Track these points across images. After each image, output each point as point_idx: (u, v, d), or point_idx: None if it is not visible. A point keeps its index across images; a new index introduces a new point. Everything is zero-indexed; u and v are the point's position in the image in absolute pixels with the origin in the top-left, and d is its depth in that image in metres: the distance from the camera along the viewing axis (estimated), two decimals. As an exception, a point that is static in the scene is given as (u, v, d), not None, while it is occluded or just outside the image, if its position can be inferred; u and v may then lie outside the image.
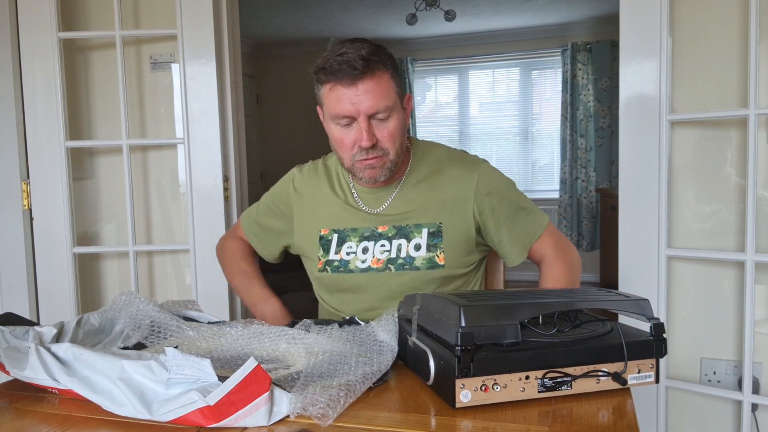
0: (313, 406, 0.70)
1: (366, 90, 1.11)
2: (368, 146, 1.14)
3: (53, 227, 1.98)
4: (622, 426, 0.70)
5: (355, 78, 1.11)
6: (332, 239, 1.28)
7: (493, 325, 0.75)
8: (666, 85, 1.67)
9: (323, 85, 1.16)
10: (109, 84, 2.08)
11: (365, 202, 1.29)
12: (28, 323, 0.95)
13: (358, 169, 1.20)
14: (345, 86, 1.12)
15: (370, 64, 1.11)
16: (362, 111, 1.12)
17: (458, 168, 1.28)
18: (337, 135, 1.18)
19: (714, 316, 1.74)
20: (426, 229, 1.25)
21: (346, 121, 1.15)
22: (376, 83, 1.12)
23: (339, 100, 1.13)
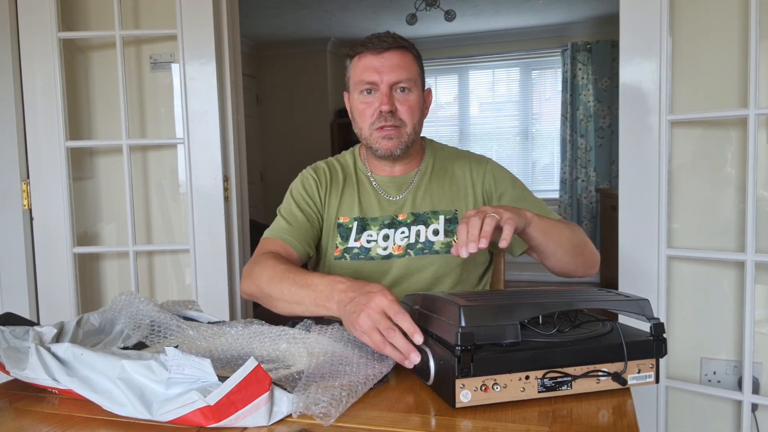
0: (315, 405, 0.70)
1: (391, 60, 1.23)
2: (387, 111, 1.22)
3: (53, 227, 1.98)
4: (622, 426, 0.70)
5: (383, 48, 1.22)
6: (352, 227, 1.32)
7: (493, 325, 0.75)
8: (666, 85, 1.67)
9: (353, 59, 1.27)
10: (109, 84, 2.08)
11: (385, 190, 1.36)
12: (28, 323, 0.95)
13: (375, 139, 1.27)
14: (373, 54, 1.23)
15: (397, 40, 1.24)
16: (385, 79, 1.22)
17: (469, 161, 1.39)
18: (359, 105, 1.27)
19: (714, 316, 1.74)
20: (443, 216, 1.32)
21: (369, 88, 1.24)
22: (400, 57, 1.24)
23: (365, 67, 1.23)
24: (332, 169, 1.39)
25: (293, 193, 1.38)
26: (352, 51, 1.27)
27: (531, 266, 5.78)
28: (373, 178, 1.37)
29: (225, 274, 2.00)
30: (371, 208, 1.34)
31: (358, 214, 1.33)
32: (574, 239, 1.18)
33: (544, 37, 5.49)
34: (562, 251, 1.15)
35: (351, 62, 1.28)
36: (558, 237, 1.13)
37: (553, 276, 1.37)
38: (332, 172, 1.38)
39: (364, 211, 1.33)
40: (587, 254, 1.22)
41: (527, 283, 5.49)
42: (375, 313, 0.85)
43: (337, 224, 1.33)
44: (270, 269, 1.14)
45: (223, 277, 2.00)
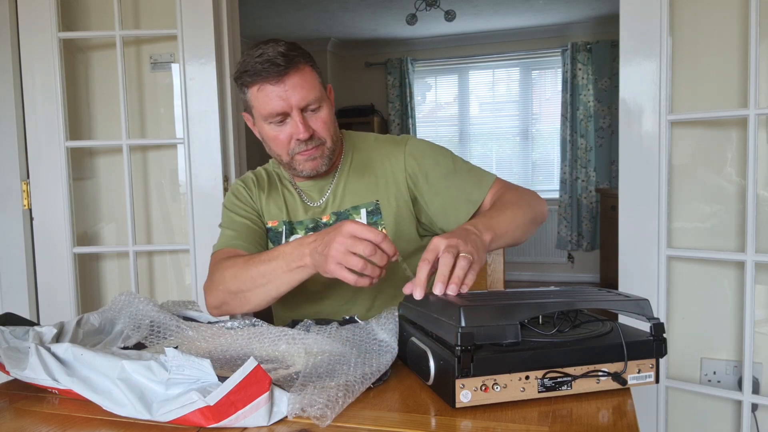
0: (311, 407, 0.70)
1: (293, 84, 1.14)
2: (306, 137, 1.16)
3: (53, 227, 1.99)
4: (622, 426, 0.70)
5: (281, 74, 1.12)
6: (282, 231, 1.30)
7: (493, 325, 0.75)
8: (666, 85, 1.67)
9: (249, 88, 1.16)
10: (109, 84, 2.08)
11: (307, 195, 1.33)
12: (28, 323, 0.95)
13: (298, 162, 1.21)
14: (273, 84, 1.13)
15: (290, 59, 1.13)
16: (294, 105, 1.14)
17: (387, 146, 1.32)
18: (271, 134, 1.19)
19: (714, 316, 1.74)
20: (364, 209, 1.27)
21: (280, 119, 1.16)
22: (300, 77, 1.15)
23: (269, 98, 1.14)
24: (259, 177, 1.36)
25: (228, 206, 1.34)
26: (245, 80, 1.15)
27: (531, 266, 5.79)
28: (295, 185, 1.34)
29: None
30: (296, 212, 1.32)
31: (286, 217, 1.31)
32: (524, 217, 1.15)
33: (544, 37, 5.49)
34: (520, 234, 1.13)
35: (247, 91, 1.17)
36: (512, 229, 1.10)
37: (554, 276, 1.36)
38: (259, 180, 1.36)
39: (290, 214, 1.32)
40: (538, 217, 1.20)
41: (527, 283, 5.50)
42: (346, 239, 0.88)
43: (268, 229, 1.32)
44: (230, 269, 1.12)
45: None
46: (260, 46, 1.15)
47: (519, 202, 1.17)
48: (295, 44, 1.18)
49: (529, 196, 1.22)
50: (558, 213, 5.53)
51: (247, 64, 1.14)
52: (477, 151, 5.84)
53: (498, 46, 5.62)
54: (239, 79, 1.17)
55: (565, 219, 5.50)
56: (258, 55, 1.13)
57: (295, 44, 1.18)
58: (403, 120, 5.94)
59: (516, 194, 1.20)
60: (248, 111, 1.22)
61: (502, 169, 5.74)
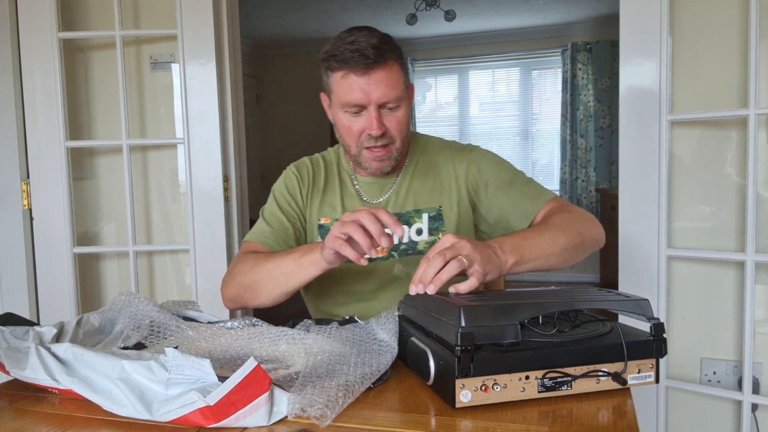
0: (311, 407, 0.70)
1: (378, 80, 1.12)
2: (378, 134, 1.16)
3: (53, 227, 1.98)
4: (622, 426, 0.70)
5: (368, 67, 1.11)
6: None
7: (493, 325, 0.75)
8: (666, 85, 1.67)
9: (334, 73, 1.16)
10: (109, 84, 2.08)
11: (367, 192, 1.31)
12: (28, 323, 0.95)
13: (364, 158, 1.21)
14: (358, 75, 1.12)
15: (381, 53, 1.12)
16: (373, 100, 1.13)
17: (453, 152, 1.32)
18: (345, 122, 1.19)
19: (714, 316, 1.74)
20: (426, 213, 1.26)
21: (356, 110, 1.16)
22: (387, 73, 1.13)
23: (351, 88, 1.13)
24: (315, 168, 1.35)
25: (276, 194, 1.34)
26: (331, 64, 1.15)
27: (531, 266, 5.77)
28: (356, 179, 1.32)
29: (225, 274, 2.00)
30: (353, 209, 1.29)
31: (339, 215, 1.28)
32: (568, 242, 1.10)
33: (544, 37, 5.49)
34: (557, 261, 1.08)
35: (330, 75, 1.17)
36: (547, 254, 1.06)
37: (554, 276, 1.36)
38: (315, 171, 1.34)
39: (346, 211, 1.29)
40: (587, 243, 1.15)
41: (527, 283, 5.50)
42: (347, 219, 0.96)
43: (319, 225, 1.30)
44: (249, 262, 1.16)
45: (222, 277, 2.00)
46: (353, 32, 1.14)
47: (566, 226, 1.12)
48: (388, 37, 1.16)
49: (582, 220, 1.17)
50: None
51: (336, 48, 1.13)
52: (477, 151, 5.83)
53: (498, 46, 5.61)
54: (326, 62, 1.16)
55: (565, 219, 5.49)
56: (350, 41, 1.12)
57: (387, 37, 1.16)
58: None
59: (566, 217, 1.16)
60: (327, 93, 1.22)
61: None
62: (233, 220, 2.07)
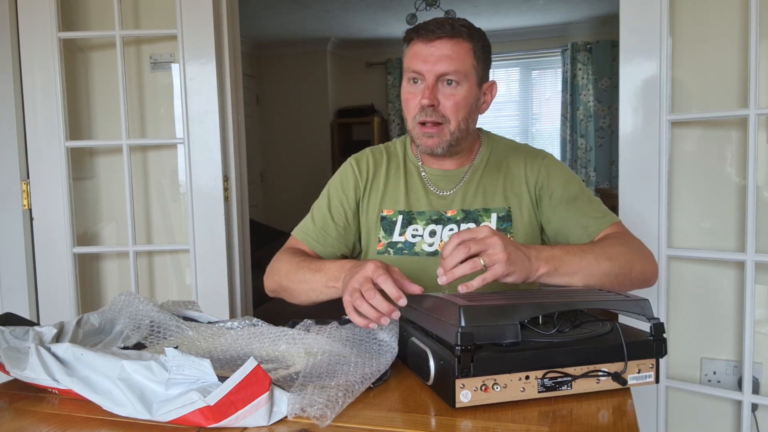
0: (311, 407, 0.70)
1: (441, 50, 1.13)
2: (427, 104, 1.14)
3: (53, 227, 1.98)
4: (622, 426, 0.70)
5: (436, 36, 1.13)
6: (397, 220, 1.26)
7: (493, 325, 0.75)
8: (666, 85, 1.67)
9: (407, 45, 1.18)
10: (109, 84, 2.08)
11: (435, 184, 1.29)
12: (28, 323, 0.95)
13: (417, 134, 1.20)
14: (423, 42, 1.14)
15: (455, 29, 1.13)
16: (432, 70, 1.13)
17: (525, 155, 1.30)
18: (405, 94, 1.19)
19: (714, 316, 1.74)
20: (495, 213, 1.24)
21: (415, 77, 1.16)
22: (453, 47, 1.13)
23: (414, 54, 1.15)
24: (377, 159, 1.32)
25: (330, 189, 1.32)
26: (407, 35, 1.18)
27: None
28: (424, 169, 1.30)
29: (225, 274, 2.00)
30: (418, 201, 1.27)
31: (404, 207, 1.26)
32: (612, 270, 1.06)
33: (544, 37, 5.49)
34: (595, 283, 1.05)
35: (406, 48, 1.19)
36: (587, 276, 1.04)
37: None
38: (377, 162, 1.32)
39: (410, 204, 1.27)
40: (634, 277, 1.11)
41: (527, 283, 5.49)
42: (361, 278, 0.93)
43: (381, 217, 1.27)
44: (287, 263, 1.20)
45: (223, 277, 2.00)
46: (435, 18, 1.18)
47: (615, 253, 1.09)
48: (478, 29, 1.18)
49: (636, 254, 1.13)
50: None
51: (420, 24, 1.16)
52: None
53: (498, 46, 5.61)
54: (406, 35, 1.18)
55: (565, 219, 5.50)
56: (433, 19, 1.16)
57: (477, 28, 1.18)
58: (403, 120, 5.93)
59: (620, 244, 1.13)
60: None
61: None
62: (233, 220, 2.07)
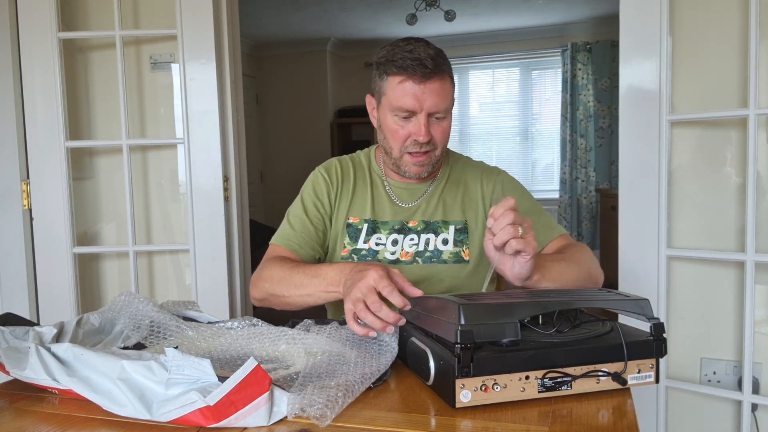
0: (311, 407, 0.70)
1: (432, 90, 1.18)
2: (425, 141, 1.21)
3: (53, 227, 1.98)
4: (622, 426, 0.70)
5: (425, 76, 1.17)
6: (362, 228, 1.32)
7: (493, 324, 0.75)
8: (666, 85, 1.67)
9: (390, 77, 1.21)
10: (109, 84, 2.08)
11: (398, 196, 1.35)
12: (28, 323, 0.95)
13: (405, 162, 1.26)
14: (415, 82, 1.17)
15: (438, 65, 1.18)
16: (425, 108, 1.19)
17: (481, 172, 1.40)
18: (392, 126, 1.23)
19: (714, 316, 1.74)
20: (453, 225, 1.32)
21: (406, 115, 1.21)
22: (440, 85, 1.19)
23: (405, 94, 1.18)
24: (344, 169, 1.38)
25: (303, 196, 1.37)
26: (389, 68, 1.20)
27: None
28: (387, 182, 1.37)
29: (225, 274, 2.00)
30: (383, 211, 1.34)
31: (370, 216, 1.33)
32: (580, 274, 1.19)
33: (544, 37, 5.49)
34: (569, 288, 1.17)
35: (386, 78, 1.21)
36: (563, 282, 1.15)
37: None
38: (344, 172, 1.38)
39: (375, 213, 1.33)
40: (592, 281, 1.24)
41: (527, 283, 5.49)
42: (365, 287, 0.93)
43: (347, 224, 1.33)
44: (278, 270, 1.20)
45: (223, 277, 2.00)
46: (410, 42, 1.20)
47: (578, 261, 1.21)
48: (442, 52, 1.23)
49: (591, 261, 1.26)
50: (558, 213, 5.53)
51: (395, 55, 1.19)
52: (477, 151, 5.83)
53: (498, 46, 5.62)
54: (383, 65, 1.21)
55: (565, 219, 5.49)
56: (408, 50, 1.18)
57: (442, 52, 1.22)
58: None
59: (580, 253, 1.25)
60: (376, 96, 1.28)
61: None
62: (233, 220, 2.07)
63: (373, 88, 1.29)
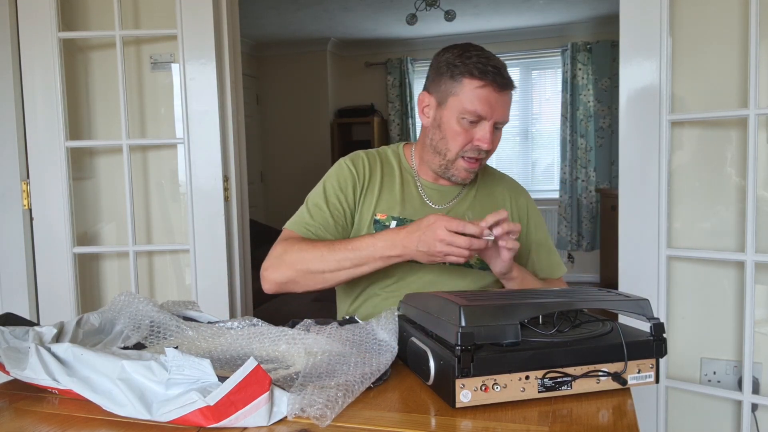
0: (311, 407, 0.70)
1: (505, 101, 1.22)
2: (488, 149, 1.23)
3: (53, 227, 1.98)
4: (622, 426, 0.70)
5: (502, 86, 1.20)
6: (389, 225, 1.30)
7: (493, 325, 0.75)
8: (666, 85, 1.67)
9: (466, 80, 1.20)
10: (109, 84, 2.08)
11: (429, 196, 1.35)
12: (28, 323, 0.95)
13: (458, 166, 1.27)
14: (495, 90, 1.19)
15: (510, 79, 1.23)
16: (494, 117, 1.21)
17: (509, 188, 1.43)
18: (456, 128, 1.23)
19: (714, 316, 1.74)
20: None
21: (475, 119, 1.21)
22: (510, 98, 1.24)
23: (481, 99, 1.19)
24: (372, 163, 1.35)
25: (326, 185, 1.33)
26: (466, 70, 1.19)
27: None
28: (420, 181, 1.36)
29: (225, 274, 2.00)
30: (413, 210, 1.32)
31: (398, 213, 1.31)
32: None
33: (544, 37, 5.49)
34: None
35: (461, 81, 1.20)
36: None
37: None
38: (371, 166, 1.35)
39: (405, 211, 1.32)
40: None
41: (527, 283, 5.48)
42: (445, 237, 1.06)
43: (374, 220, 1.31)
44: (310, 250, 1.20)
45: (223, 277, 2.00)
46: (478, 49, 1.23)
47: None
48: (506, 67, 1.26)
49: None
50: (558, 213, 5.53)
51: (471, 59, 1.20)
52: (477, 151, 5.82)
53: (498, 46, 5.61)
54: (459, 68, 1.20)
55: (565, 219, 5.49)
56: (486, 56, 1.21)
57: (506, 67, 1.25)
58: (403, 120, 5.93)
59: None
60: (437, 95, 1.26)
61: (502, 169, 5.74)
62: (233, 220, 2.07)
63: (431, 87, 1.27)
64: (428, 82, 1.29)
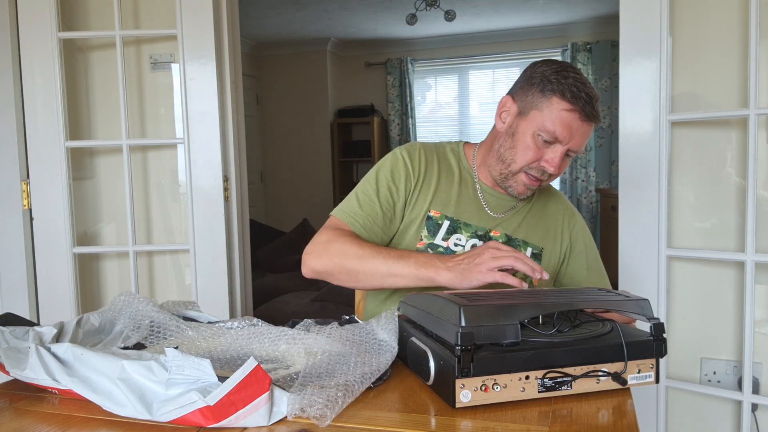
0: (311, 407, 0.70)
1: (585, 132, 1.18)
2: (553, 172, 1.21)
3: (53, 227, 1.98)
4: (622, 426, 0.70)
5: (588, 117, 1.17)
6: (442, 224, 1.27)
7: (493, 325, 0.75)
8: (666, 85, 1.67)
9: (556, 98, 1.16)
10: (109, 84, 2.08)
11: (487, 202, 1.31)
12: (28, 323, 0.95)
13: (518, 180, 1.24)
14: (580, 118, 1.16)
15: (597, 111, 1.19)
16: (569, 144, 1.18)
17: (563, 206, 1.39)
18: (528, 142, 1.20)
19: (714, 316, 1.74)
20: (531, 248, 1.30)
21: (550, 139, 1.18)
22: (590, 130, 1.20)
23: (564, 123, 1.16)
24: (429, 157, 1.31)
25: (378, 176, 1.29)
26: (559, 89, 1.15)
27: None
28: (479, 184, 1.32)
29: (225, 274, 2.00)
30: (469, 213, 1.29)
31: (453, 214, 1.28)
32: None
33: (544, 37, 5.49)
34: None
35: (550, 97, 1.16)
36: None
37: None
38: (428, 160, 1.31)
39: (460, 213, 1.29)
40: None
41: (527, 283, 5.48)
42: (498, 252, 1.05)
43: (427, 217, 1.27)
44: (354, 247, 1.17)
45: (223, 277, 2.00)
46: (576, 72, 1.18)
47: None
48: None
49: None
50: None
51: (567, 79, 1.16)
52: (477, 151, 5.83)
53: (498, 46, 5.61)
54: (553, 84, 1.16)
55: (565, 219, 5.50)
56: (581, 81, 1.16)
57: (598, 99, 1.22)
58: (403, 120, 5.94)
59: None
60: (522, 104, 1.21)
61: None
62: (233, 220, 2.07)
63: (517, 94, 1.23)
64: (515, 88, 1.25)
